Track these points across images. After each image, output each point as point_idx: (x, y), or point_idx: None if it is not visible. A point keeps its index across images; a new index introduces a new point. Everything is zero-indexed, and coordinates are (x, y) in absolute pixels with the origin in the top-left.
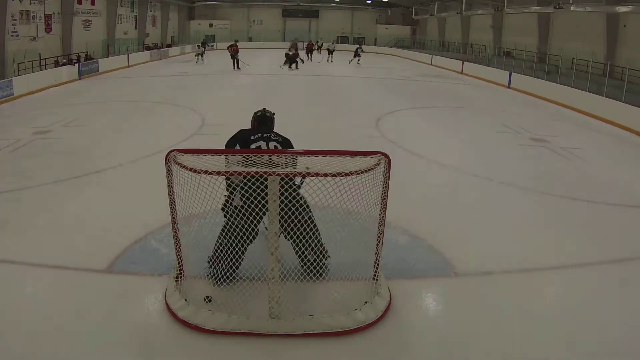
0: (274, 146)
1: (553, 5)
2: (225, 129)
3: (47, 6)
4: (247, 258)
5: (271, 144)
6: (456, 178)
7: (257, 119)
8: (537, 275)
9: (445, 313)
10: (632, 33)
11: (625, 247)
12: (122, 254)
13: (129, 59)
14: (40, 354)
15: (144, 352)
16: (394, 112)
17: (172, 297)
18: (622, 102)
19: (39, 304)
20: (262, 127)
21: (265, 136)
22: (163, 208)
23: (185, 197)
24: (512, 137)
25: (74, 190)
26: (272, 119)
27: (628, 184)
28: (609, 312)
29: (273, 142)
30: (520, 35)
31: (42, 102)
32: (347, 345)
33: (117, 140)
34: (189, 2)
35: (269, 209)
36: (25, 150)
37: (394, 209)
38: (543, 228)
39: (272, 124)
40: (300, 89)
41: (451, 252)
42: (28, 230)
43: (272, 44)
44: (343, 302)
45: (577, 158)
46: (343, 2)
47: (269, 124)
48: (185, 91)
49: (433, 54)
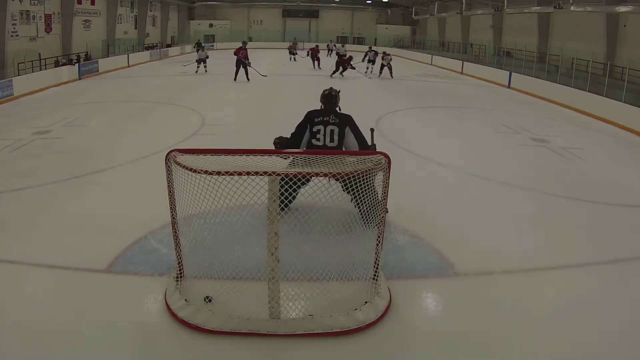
0: (330, 130)
1: (553, 5)
2: (225, 129)
3: (47, 6)
4: (247, 258)
5: (328, 128)
6: (456, 178)
7: (323, 97)
8: (537, 275)
9: (445, 313)
10: (632, 33)
11: (625, 247)
12: (122, 254)
13: (129, 59)
14: (40, 354)
15: (144, 352)
16: (394, 112)
17: (172, 297)
18: (622, 102)
19: (39, 304)
20: (327, 105)
21: (325, 120)
22: (163, 208)
23: (185, 197)
24: (512, 137)
25: (74, 190)
26: (336, 97)
27: (628, 184)
28: (609, 312)
29: (330, 125)
30: (520, 35)
31: (42, 102)
32: (347, 345)
33: (117, 140)
34: (189, 2)
35: (269, 209)
36: (25, 150)
37: (394, 209)
38: (543, 228)
39: (336, 101)
40: (301, 89)
41: (451, 252)
42: (28, 230)
43: (272, 44)
44: (343, 302)
45: (577, 158)
46: (343, 2)
47: (334, 101)
48: (185, 91)
49: (433, 54)
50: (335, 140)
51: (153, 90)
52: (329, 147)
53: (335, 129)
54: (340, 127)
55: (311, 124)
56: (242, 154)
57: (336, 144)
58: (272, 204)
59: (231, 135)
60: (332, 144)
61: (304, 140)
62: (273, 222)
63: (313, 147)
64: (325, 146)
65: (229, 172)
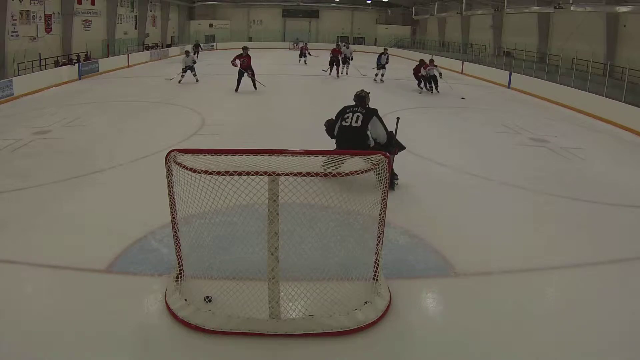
0: (356, 116)
1: (553, 5)
2: (225, 129)
3: (47, 6)
4: (247, 258)
5: (355, 114)
6: (456, 178)
7: (356, 96)
8: (537, 275)
9: (445, 313)
10: (632, 33)
11: (625, 247)
12: (122, 254)
13: (129, 59)
14: (40, 354)
15: (144, 352)
16: (394, 112)
17: (172, 297)
18: (622, 102)
19: (39, 304)
20: (358, 102)
21: (354, 109)
22: (163, 208)
23: (185, 197)
24: (512, 137)
25: (74, 190)
26: (365, 97)
27: (628, 184)
28: (608, 312)
29: (357, 113)
30: (520, 35)
31: (42, 102)
32: (347, 345)
33: (117, 140)
34: (189, 2)
35: (269, 209)
36: (25, 150)
37: (394, 209)
38: (543, 228)
39: (366, 100)
40: (301, 89)
41: (451, 252)
42: (28, 230)
43: (272, 44)
44: (343, 302)
45: (577, 158)
46: (343, 2)
47: (363, 100)
48: (185, 91)
49: (433, 54)
50: (359, 122)
51: (153, 90)
52: (353, 126)
53: (361, 115)
54: (365, 116)
55: (343, 114)
56: (242, 154)
57: (360, 125)
58: (272, 204)
59: (231, 135)
60: (356, 124)
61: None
62: (273, 222)
63: (342, 126)
64: (351, 125)
65: (229, 172)
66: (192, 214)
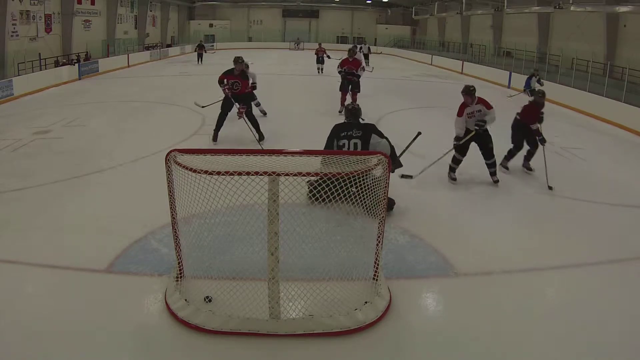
0: (354, 143)
1: (553, 5)
2: (224, 129)
3: (47, 6)
4: (247, 258)
5: (352, 141)
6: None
7: (347, 112)
8: (537, 275)
9: (445, 313)
10: (632, 33)
11: (625, 247)
12: (122, 254)
13: (129, 59)
14: (40, 354)
15: (144, 352)
16: (393, 112)
17: (172, 297)
18: (622, 102)
19: (39, 304)
20: (350, 118)
21: (349, 134)
22: (163, 208)
23: (185, 197)
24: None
25: (74, 190)
26: (358, 110)
27: (628, 184)
28: (608, 312)
29: (354, 139)
30: (520, 35)
31: (42, 102)
32: (347, 345)
33: (117, 140)
34: (189, 2)
35: (269, 209)
36: (25, 150)
37: (395, 209)
38: (543, 228)
39: (358, 114)
40: (300, 88)
41: (451, 252)
42: (28, 230)
43: (272, 44)
44: (343, 302)
45: (577, 158)
46: (343, 2)
47: (356, 115)
48: (186, 91)
49: (433, 54)
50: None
51: (153, 90)
52: None
53: (359, 141)
54: (363, 139)
55: (337, 139)
56: (242, 154)
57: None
58: (272, 204)
59: (231, 135)
60: None
61: None
62: (273, 222)
63: None
64: None
65: (229, 172)
66: (192, 214)
